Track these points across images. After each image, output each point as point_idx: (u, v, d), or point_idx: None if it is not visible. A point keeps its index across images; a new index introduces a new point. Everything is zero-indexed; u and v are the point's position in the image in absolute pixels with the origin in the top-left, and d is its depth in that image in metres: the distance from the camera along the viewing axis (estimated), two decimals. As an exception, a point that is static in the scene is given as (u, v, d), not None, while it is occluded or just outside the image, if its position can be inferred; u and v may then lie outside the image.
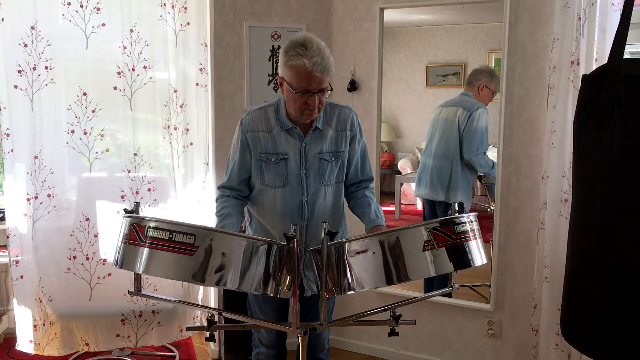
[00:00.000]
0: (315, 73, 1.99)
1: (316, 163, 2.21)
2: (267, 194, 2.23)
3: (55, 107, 3.09)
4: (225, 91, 3.33)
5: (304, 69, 1.99)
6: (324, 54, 2.01)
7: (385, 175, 3.88)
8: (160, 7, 3.17)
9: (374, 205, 2.31)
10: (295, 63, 2.00)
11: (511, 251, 3.09)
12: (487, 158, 3.34)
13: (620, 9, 2.43)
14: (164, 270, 1.69)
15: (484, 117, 3.35)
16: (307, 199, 2.21)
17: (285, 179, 2.20)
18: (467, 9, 3.38)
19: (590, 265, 1.96)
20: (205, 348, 3.59)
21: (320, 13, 3.41)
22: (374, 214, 2.27)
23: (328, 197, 2.26)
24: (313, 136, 2.20)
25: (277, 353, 2.41)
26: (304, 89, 2.03)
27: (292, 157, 2.19)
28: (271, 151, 2.19)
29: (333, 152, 2.23)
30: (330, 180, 2.25)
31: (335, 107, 2.26)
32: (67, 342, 3.23)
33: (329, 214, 2.27)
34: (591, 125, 1.91)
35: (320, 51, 2.01)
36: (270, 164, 2.19)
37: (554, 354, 2.87)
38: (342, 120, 2.25)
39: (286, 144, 2.19)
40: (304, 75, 2.00)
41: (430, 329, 3.37)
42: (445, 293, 2.03)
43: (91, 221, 3.20)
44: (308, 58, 1.98)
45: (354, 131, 2.28)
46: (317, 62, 1.99)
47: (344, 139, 2.25)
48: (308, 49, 1.99)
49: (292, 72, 2.02)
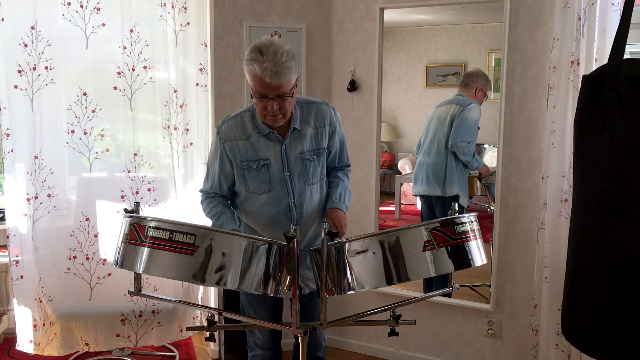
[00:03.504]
0: (266, 79, 1.94)
1: (299, 164, 2.19)
2: (253, 200, 2.22)
3: (55, 107, 3.09)
4: (225, 91, 3.33)
5: (255, 75, 1.97)
6: (279, 60, 1.93)
7: (385, 175, 3.88)
8: (160, 7, 3.17)
9: (342, 187, 2.30)
10: (249, 68, 1.98)
11: (511, 251, 3.09)
12: (471, 147, 3.41)
13: (620, 9, 2.44)
14: (164, 270, 1.69)
15: (476, 111, 3.41)
16: (294, 201, 2.20)
17: (269, 184, 2.18)
18: (467, 9, 3.38)
19: (591, 265, 1.96)
20: (205, 348, 3.59)
21: (320, 13, 3.41)
22: (338, 195, 2.26)
23: (314, 195, 2.25)
24: (292, 137, 2.18)
25: (272, 354, 2.39)
26: (259, 94, 2.00)
27: (274, 162, 2.17)
28: (252, 158, 2.16)
29: (314, 151, 2.22)
30: (314, 179, 2.24)
31: (311, 105, 2.23)
32: (67, 342, 3.23)
33: (317, 211, 2.27)
34: (591, 125, 1.91)
35: (275, 56, 1.93)
36: (252, 171, 2.17)
37: (554, 354, 2.87)
38: (320, 117, 2.23)
39: (266, 149, 2.16)
40: (257, 80, 1.97)
41: (430, 329, 3.37)
42: (445, 293, 2.03)
43: (91, 221, 3.20)
44: (260, 63, 1.93)
45: (332, 126, 2.26)
46: (268, 68, 1.93)
47: (323, 135, 2.23)
48: (263, 54, 1.94)
49: (249, 76, 2.01)
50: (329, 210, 2.25)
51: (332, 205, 2.25)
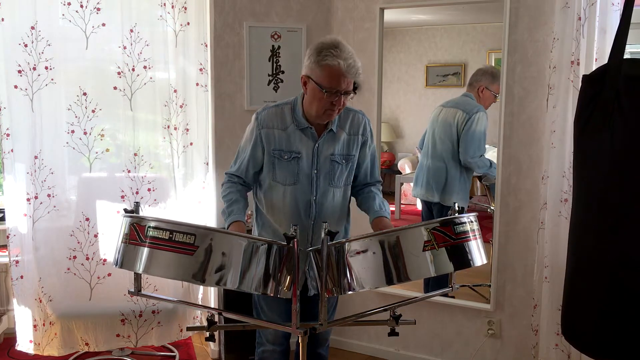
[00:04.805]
0: (348, 75, 2.06)
1: (327, 164, 2.25)
2: (277, 190, 2.26)
3: (55, 107, 3.09)
4: (225, 91, 3.33)
5: (338, 70, 2.05)
6: (355, 58, 2.09)
7: (385, 175, 3.88)
8: (160, 7, 3.17)
9: (379, 199, 2.35)
10: (330, 63, 2.05)
11: (511, 251, 3.09)
12: (484, 159, 3.33)
13: (620, 9, 2.44)
14: (164, 270, 1.69)
15: (483, 120, 3.33)
16: (315, 199, 2.25)
17: (296, 177, 2.23)
18: (467, 9, 3.38)
19: (591, 265, 1.96)
20: (205, 348, 3.59)
21: (320, 13, 3.41)
22: (378, 205, 2.30)
23: (336, 198, 2.29)
24: (327, 138, 2.24)
25: (282, 350, 2.43)
26: (333, 89, 2.08)
27: (305, 157, 2.22)
28: (285, 149, 2.22)
29: (344, 155, 2.27)
30: (339, 182, 2.29)
31: (349, 112, 2.31)
32: (67, 342, 3.23)
33: (335, 215, 2.30)
34: (591, 125, 1.91)
35: (352, 54, 2.09)
36: (282, 161, 2.22)
37: (554, 354, 2.87)
38: (355, 125, 2.30)
39: (300, 143, 2.22)
40: (336, 75, 2.06)
41: (430, 329, 3.37)
42: (445, 293, 2.03)
43: (91, 221, 3.20)
44: (343, 59, 2.05)
45: (365, 136, 2.32)
46: (351, 65, 2.06)
47: (355, 143, 2.29)
48: (342, 50, 2.06)
49: (324, 71, 2.07)
50: (375, 220, 2.26)
51: (377, 215, 2.27)
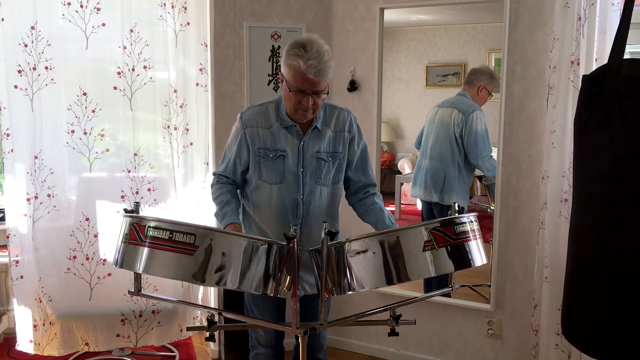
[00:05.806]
0: (309, 75, 2.03)
1: (313, 162, 2.23)
2: (264, 189, 2.24)
3: (55, 107, 3.09)
4: (225, 91, 3.33)
5: (299, 70, 2.04)
6: (322, 58, 2.03)
7: (385, 175, 3.88)
8: (160, 7, 3.17)
9: (387, 212, 2.33)
10: (292, 62, 2.05)
11: (511, 251, 3.09)
12: (493, 160, 3.29)
13: (620, 9, 2.44)
14: (164, 270, 1.69)
15: (481, 119, 3.34)
16: (302, 197, 2.23)
17: (282, 176, 2.22)
18: (467, 9, 3.38)
19: (591, 265, 1.96)
20: (205, 348, 3.59)
21: (320, 13, 3.41)
22: (388, 220, 2.28)
23: (324, 197, 2.27)
24: (312, 135, 2.23)
25: (275, 353, 2.40)
26: (297, 88, 2.07)
27: (290, 155, 2.21)
28: (269, 147, 2.21)
29: (330, 153, 2.26)
30: (326, 180, 2.26)
31: (334, 109, 2.30)
32: (67, 342, 3.23)
33: (323, 213, 2.28)
34: (591, 126, 1.91)
35: (319, 54, 2.03)
36: (268, 160, 2.21)
37: (554, 354, 2.87)
38: (341, 122, 2.29)
39: (285, 141, 2.21)
40: (298, 75, 2.05)
41: (430, 329, 3.37)
42: (445, 293, 2.03)
43: (91, 221, 3.20)
44: (304, 60, 2.02)
45: (352, 133, 2.30)
46: (313, 65, 2.02)
47: (341, 141, 2.28)
48: (307, 50, 2.03)
49: (290, 71, 2.07)
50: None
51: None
